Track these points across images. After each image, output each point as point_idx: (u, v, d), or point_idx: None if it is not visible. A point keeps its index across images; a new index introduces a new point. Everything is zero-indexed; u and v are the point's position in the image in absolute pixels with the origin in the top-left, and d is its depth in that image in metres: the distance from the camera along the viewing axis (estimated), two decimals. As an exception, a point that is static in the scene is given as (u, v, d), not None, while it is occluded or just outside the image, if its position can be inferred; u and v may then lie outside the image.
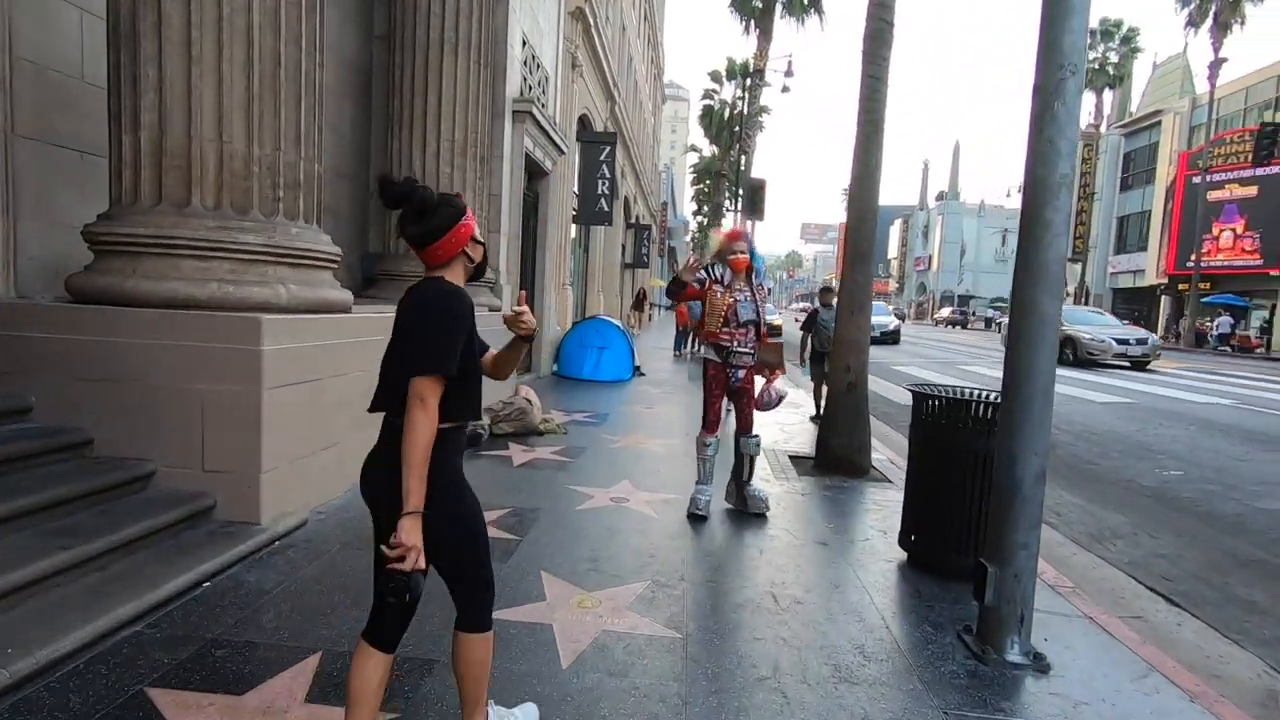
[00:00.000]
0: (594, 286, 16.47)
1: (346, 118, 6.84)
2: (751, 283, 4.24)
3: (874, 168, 5.25)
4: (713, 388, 4.23)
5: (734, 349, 4.14)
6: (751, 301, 4.17)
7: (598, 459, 5.43)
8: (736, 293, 4.15)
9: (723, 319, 4.11)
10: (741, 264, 4.16)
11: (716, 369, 4.20)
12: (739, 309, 4.11)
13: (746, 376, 4.22)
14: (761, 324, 4.22)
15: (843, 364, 5.40)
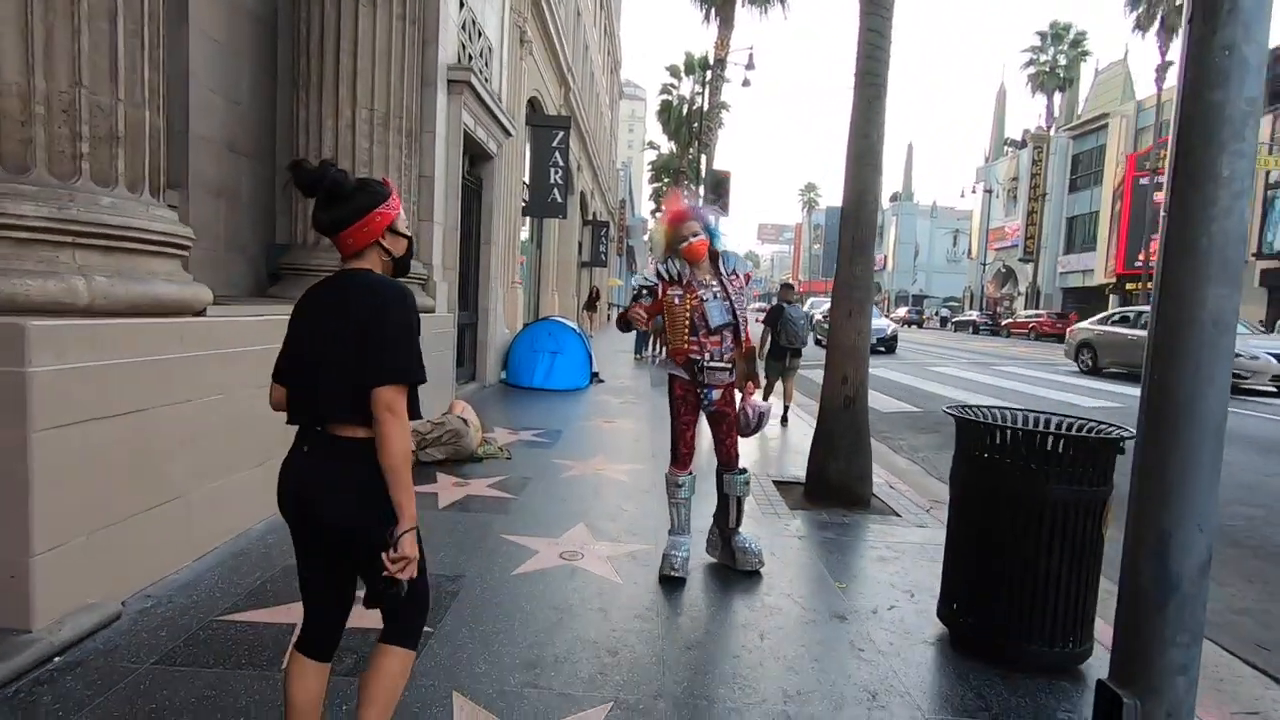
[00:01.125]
0: (548, 285, 15.41)
1: (245, 81, 5.68)
2: (721, 272, 3.27)
3: (876, 141, 4.39)
4: (681, 411, 3.28)
5: (706, 363, 3.19)
6: (723, 298, 3.21)
7: (547, 494, 4.43)
8: (701, 290, 3.19)
9: (687, 327, 3.19)
10: (699, 250, 3.18)
11: (684, 388, 3.26)
12: (707, 311, 3.16)
13: (724, 395, 3.29)
14: (741, 326, 3.28)
15: (839, 374, 4.53)
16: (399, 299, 1.52)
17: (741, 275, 3.32)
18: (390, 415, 1.45)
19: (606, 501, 4.34)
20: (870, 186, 4.41)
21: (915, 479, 5.69)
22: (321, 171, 1.51)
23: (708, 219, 3.25)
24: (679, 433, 3.29)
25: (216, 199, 5.46)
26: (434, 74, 6.33)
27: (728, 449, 3.33)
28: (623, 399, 8.73)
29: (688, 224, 3.18)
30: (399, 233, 1.61)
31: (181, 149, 5.10)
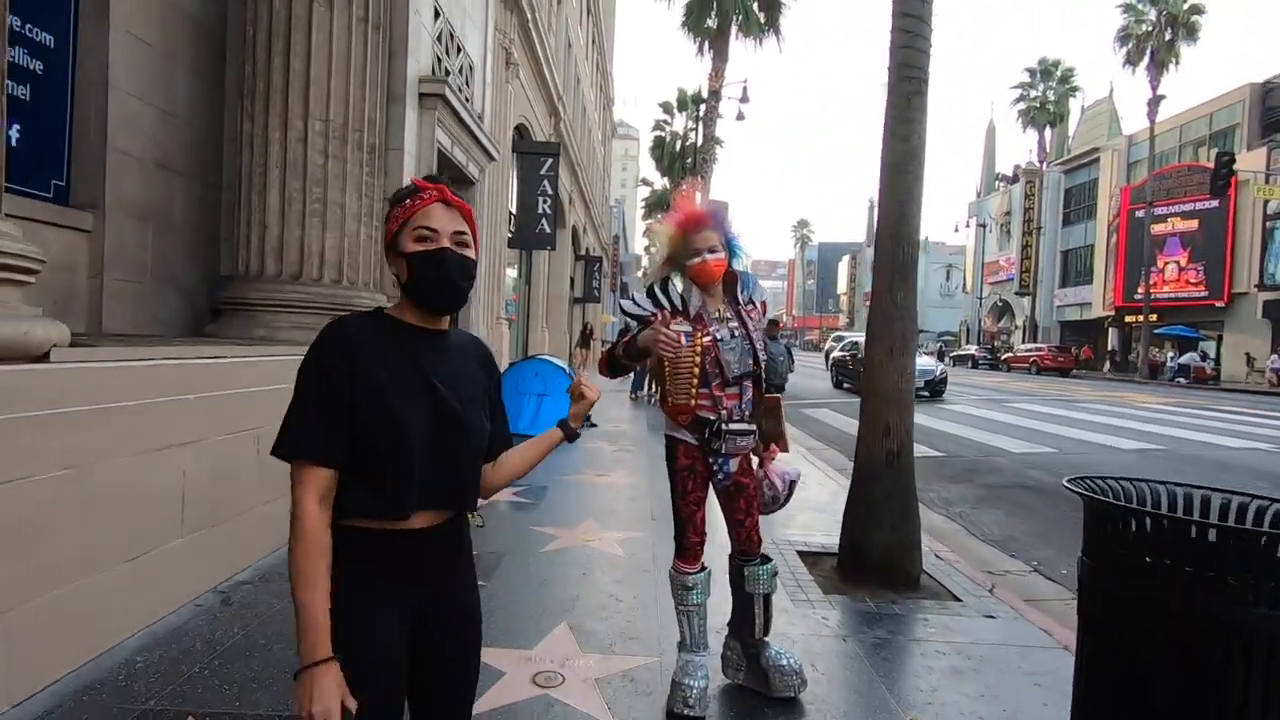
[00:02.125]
0: (537, 322, 14.67)
1: (180, 91, 4.96)
2: (737, 301, 2.47)
3: (918, 144, 3.68)
4: (688, 487, 2.43)
5: (724, 425, 2.35)
6: (743, 338, 2.40)
7: (523, 578, 3.57)
8: (715, 327, 2.37)
9: (695, 377, 2.33)
10: (714, 272, 2.36)
11: (691, 456, 2.41)
12: (724, 355, 2.34)
13: (742, 464, 2.47)
14: (761, 364, 2.44)
15: (879, 425, 3.73)
16: (308, 351, 1.22)
17: (759, 304, 2.54)
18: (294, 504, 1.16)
19: (596, 587, 3.47)
20: (912, 197, 3.68)
21: (959, 542, 4.86)
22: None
23: (730, 230, 2.46)
24: (686, 516, 2.45)
25: (142, 223, 4.69)
26: (402, 86, 5.65)
27: (748, 531, 2.49)
28: (617, 446, 7.88)
29: (704, 233, 2.34)
30: (398, 252, 1.26)
31: (96, 164, 4.34)
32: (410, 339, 1.26)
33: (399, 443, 1.17)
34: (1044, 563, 4.56)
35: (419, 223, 1.24)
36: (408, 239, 1.24)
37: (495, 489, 1.44)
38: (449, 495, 1.25)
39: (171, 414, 2.96)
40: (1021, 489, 6.58)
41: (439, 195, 1.26)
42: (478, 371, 1.34)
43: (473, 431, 1.26)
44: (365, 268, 5.16)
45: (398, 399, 1.18)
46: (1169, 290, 30.25)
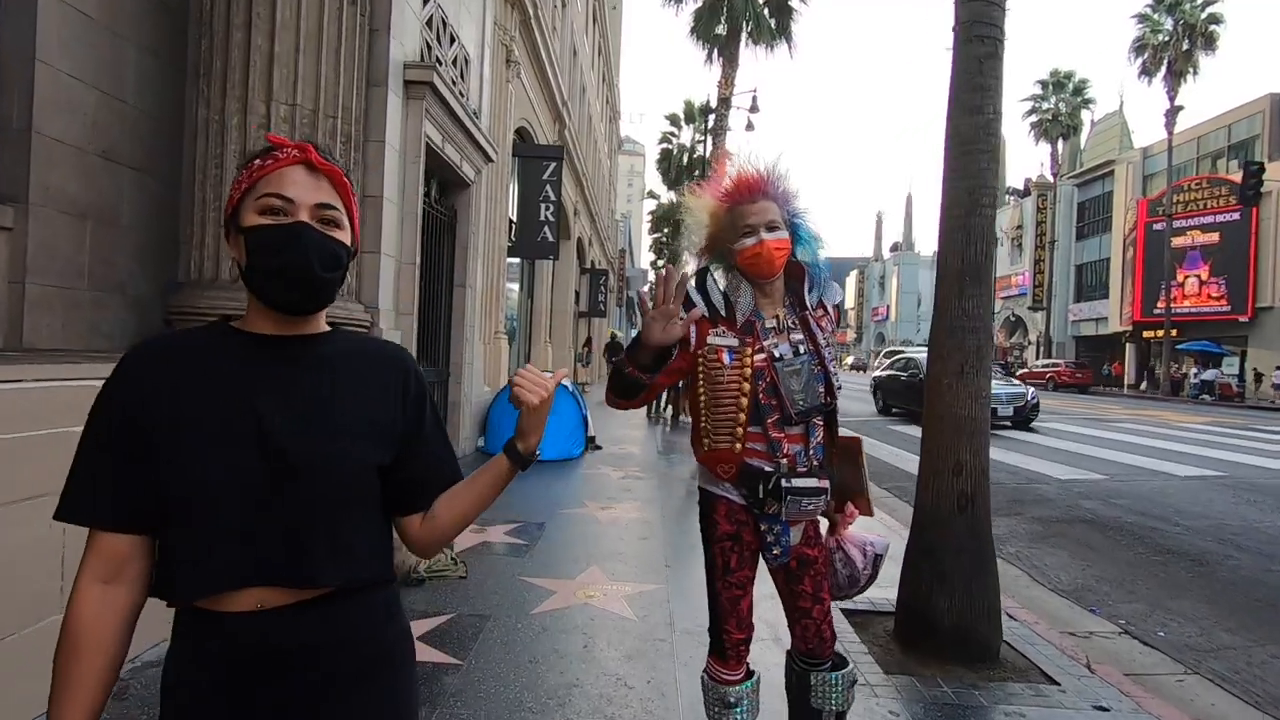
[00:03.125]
0: (540, 337, 14.02)
1: (131, 74, 4.35)
2: (804, 303, 1.78)
3: (992, 116, 3.02)
4: (729, 564, 1.75)
5: (783, 479, 1.66)
6: (810, 355, 1.72)
7: (506, 655, 2.86)
8: (772, 340, 1.71)
9: (744, 411, 1.67)
10: (774, 259, 1.69)
11: (734, 520, 1.75)
12: (783, 381, 1.67)
13: (808, 531, 1.79)
14: (835, 396, 1.75)
15: (946, 460, 3.04)
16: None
17: (831, 309, 1.84)
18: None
19: (600, 667, 2.77)
20: (985, 182, 3.01)
21: (1025, 593, 4.14)
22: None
23: (795, 203, 1.79)
24: (726, 605, 1.76)
25: (79, 221, 4.06)
26: (384, 70, 5.05)
27: (816, 624, 1.78)
28: (624, 472, 7.18)
29: (760, 204, 1.70)
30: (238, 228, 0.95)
31: (19, 152, 3.72)
32: (249, 354, 0.95)
33: (190, 500, 0.89)
34: (1131, 620, 3.83)
35: (268, 189, 0.93)
36: (250, 209, 0.93)
37: (437, 542, 1.08)
38: (290, 567, 0.90)
39: (39, 451, 2.30)
40: (1080, 523, 5.84)
41: (301, 155, 0.95)
42: (375, 393, 1.01)
43: (326, 474, 0.93)
44: (338, 273, 4.53)
45: (198, 442, 0.89)
46: (1189, 305, 29.48)
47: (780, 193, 1.76)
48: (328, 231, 0.94)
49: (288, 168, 0.93)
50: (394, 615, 1.03)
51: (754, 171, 1.75)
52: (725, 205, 1.75)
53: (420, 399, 1.06)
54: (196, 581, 0.88)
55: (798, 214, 1.79)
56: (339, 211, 0.96)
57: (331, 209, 0.95)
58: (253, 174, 0.93)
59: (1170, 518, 6.01)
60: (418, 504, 1.05)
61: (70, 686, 0.85)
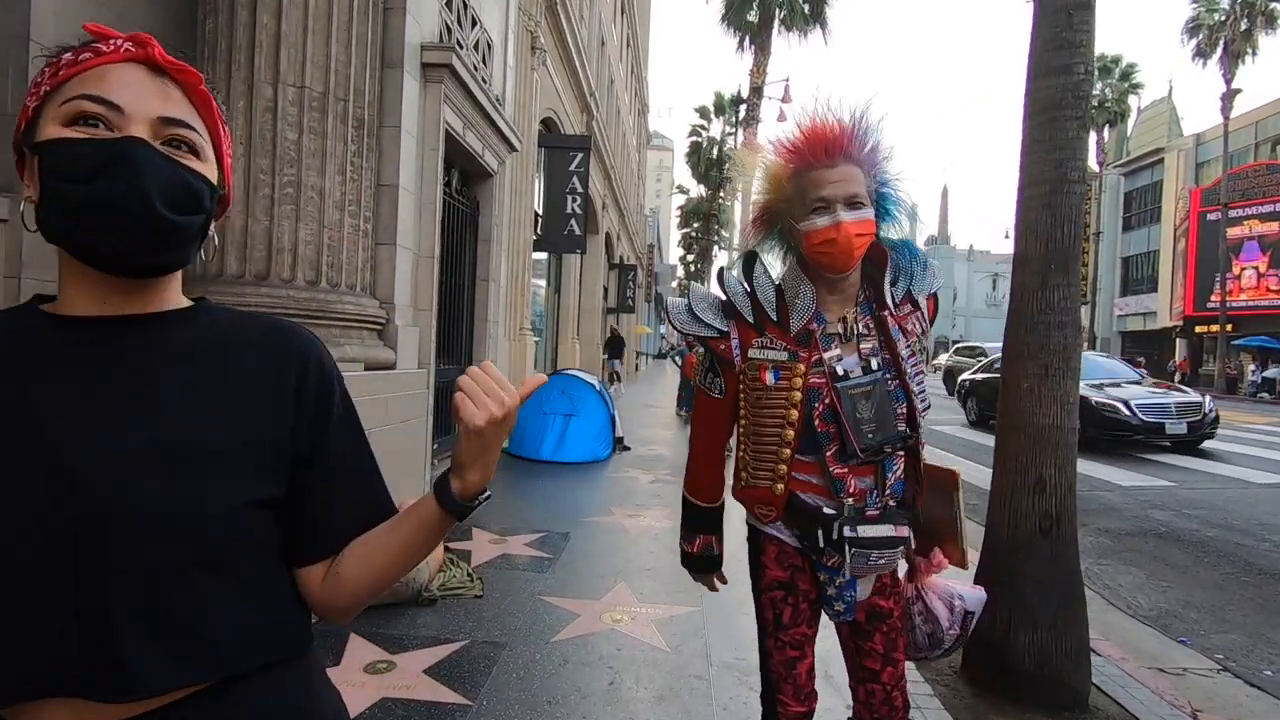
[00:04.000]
0: (567, 334, 13.75)
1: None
2: (884, 299, 1.38)
3: (1082, 77, 2.61)
4: (782, 617, 1.41)
5: (846, 526, 1.29)
6: (887, 365, 1.34)
7: (525, 695, 2.53)
8: (835, 350, 1.34)
9: (789, 445, 1.31)
10: (851, 247, 1.26)
11: (787, 564, 1.41)
12: (844, 404, 1.29)
13: (884, 578, 1.43)
14: (919, 425, 1.38)
15: (1026, 476, 2.63)
16: None
17: (924, 301, 1.44)
18: None
19: (626, 710, 2.43)
20: (1074, 151, 2.60)
21: (1104, 620, 3.69)
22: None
23: (883, 169, 1.37)
24: (779, 667, 1.41)
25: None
26: (400, 51, 4.77)
27: (885, 689, 1.42)
28: (653, 475, 6.84)
29: (840, 168, 1.28)
30: (31, 146, 0.64)
31: (2, 135, 3.54)
32: (51, 344, 0.65)
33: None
34: (1230, 654, 3.38)
35: (79, 89, 0.63)
36: (52, 119, 0.63)
37: (342, 608, 0.75)
38: (61, 669, 0.58)
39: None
40: (1154, 538, 5.33)
41: (139, 51, 0.65)
42: (255, 394, 0.70)
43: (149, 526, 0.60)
44: (350, 267, 4.25)
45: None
46: (1246, 298, 28.12)
47: (868, 154, 1.34)
48: (177, 157, 0.65)
49: (115, 64, 0.63)
50: (316, 694, 0.74)
51: (834, 123, 1.31)
52: (792, 166, 1.34)
53: (325, 397, 0.75)
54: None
55: (887, 182, 1.38)
56: (197, 135, 0.67)
57: (185, 127, 0.66)
58: (59, 70, 0.63)
59: (1256, 531, 5.47)
60: (316, 551, 0.74)
61: None
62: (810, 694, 1.44)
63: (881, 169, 1.37)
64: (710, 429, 1.47)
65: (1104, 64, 34.24)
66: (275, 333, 0.75)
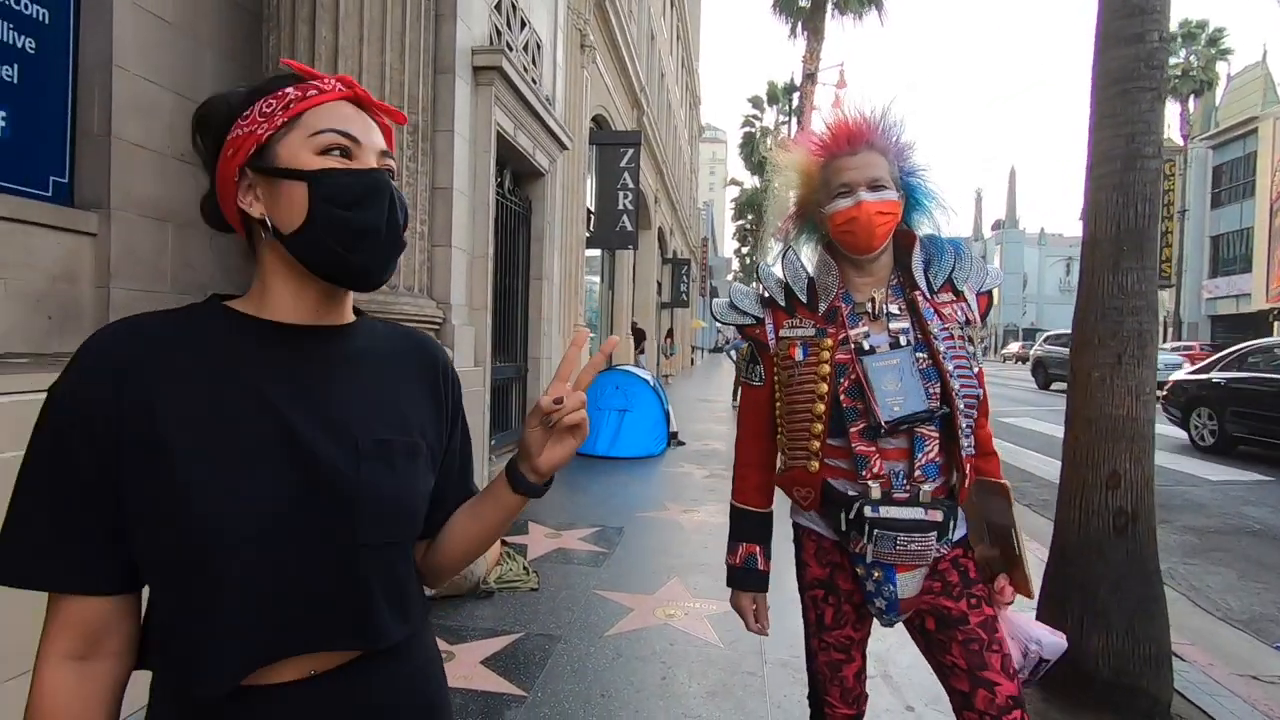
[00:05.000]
0: (622, 330, 13.81)
1: (206, 76, 4.36)
2: (920, 285, 1.34)
3: (1157, 48, 2.44)
4: (823, 617, 1.39)
5: (867, 506, 1.25)
6: (918, 347, 1.30)
7: (579, 688, 2.57)
8: (863, 328, 1.31)
9: (821, 419, 1.30)
10: (875, 224, 1.29)
11: (826, 561, 1.39)
12: (872, 376, 1.27)
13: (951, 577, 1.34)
14: (960, 415, 1.28)
15: (1099, 471, 2.50)
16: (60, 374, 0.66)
17: (973, 296, 1.38)
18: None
19: (679, 704, 2.44)
20: (1149, 125, 2.44)
21: (1189, 624, 3.48)
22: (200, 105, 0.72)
23: (906, 153, 1.39)
24: (824, 669, 1.39)
25: (160, 225, 4.09)
26: (451, 57, 4.88)
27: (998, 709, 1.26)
28: (708, 470, 6.81)
29: (861, 155, 1.32)
30: (275, 169, 0.70)
31: (100, 158, 3.77)
32: (264, 349, 0.71)
33: (200, 553, 0.63)
34: (1333, 662, 3.12)
35: (324, 123, 0.70)
36: (300, 146, 0.69)
37: (435, 578, 0.86)
38: (318, 629, 0.68)
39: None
40: (1245, 535, 4.98)
41: (348, 91, 0.73)
42: (419, 398, 0.80)
43: (380, 509, 0.70)
44: (408, 269, 4.39)
45: (205, 471, 0.64)
46: (1356, 276, 25.86)
47: (891, 144, 1.37)
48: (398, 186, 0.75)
49: (336, 101, 0.72)
50: (438, 653, 0.86)
51: (856, 116, 1.36)
52: (819, 159, 1.38)
53: (458, 402, 0.88)
54: (234, 661, 0.65)
55: (913, 171, 1.39)
56: (394, 163, 0.76)
57: (391, 157, 0.75)
58: (289, 104, 0.70)
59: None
60: (428, 531, 0.84)
61: None
62: (859, 697, 1.40)
63: (907, 158, 1.39)
64: (754, 419, 1.46)
65: (1188, 30, 32.06)
66: (420, 343, 0.86)
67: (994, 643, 1.31)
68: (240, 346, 0.71)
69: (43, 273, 3.25)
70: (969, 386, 1.30)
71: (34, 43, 3.52)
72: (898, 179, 1.36)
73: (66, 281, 3.68)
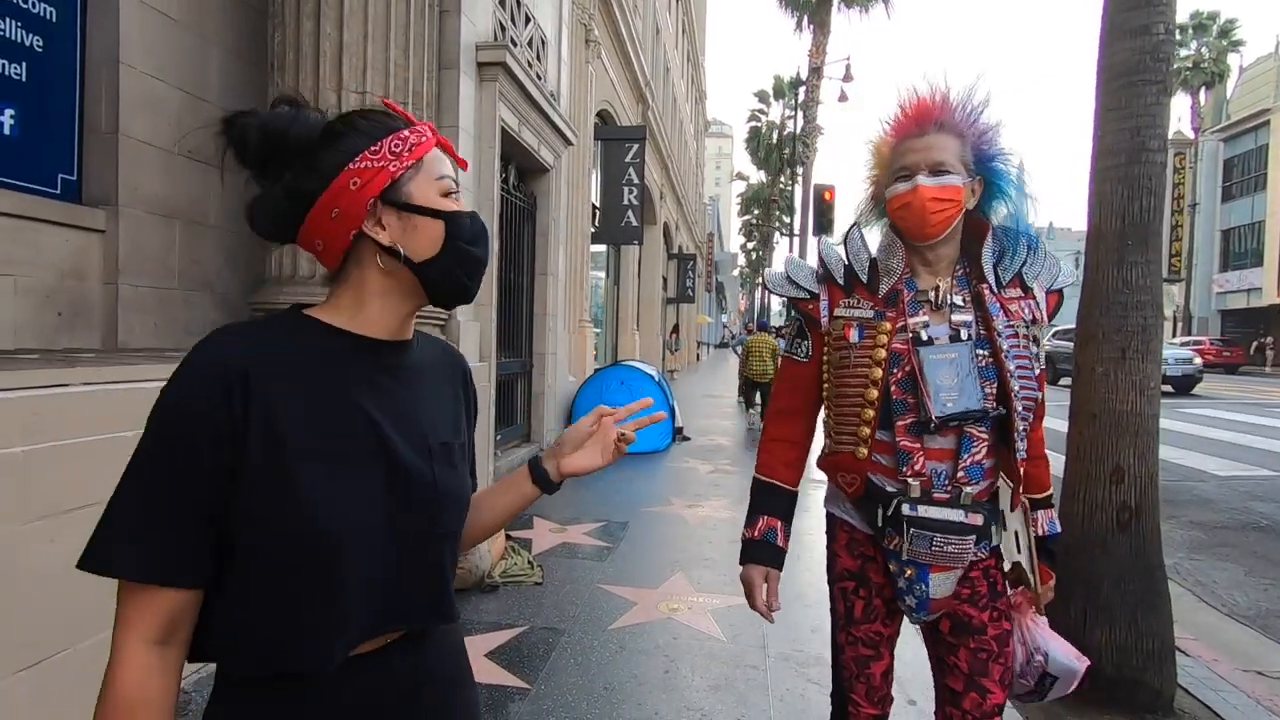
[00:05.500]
0: (627, 325, 13.82)
1: (213, 73, 4.39)
2: (987, 278, 1.30)
3: (1163, 41, 2.43)
4: (853, 611, 1.38)
5: (905, 504, 1.24)
6: (976, 343, 1.26)
7: (582, 681, 2.59)
8: (921, 319, 1.28)
9: (873, 405, 1.27)
10: (929, 210, 1.24)
11: (859, 554, 1.38)
12: (927, 369, 1.24)
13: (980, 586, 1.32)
14: (1017, 418, 1.23)
15: (1104, 465, 2.49)
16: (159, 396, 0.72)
17: (1042, 293, 1.35)
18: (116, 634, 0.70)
19: (681, 698, 2.45)
20: (1154, 119, 2.43)
21: (1194, 619, 3.47)
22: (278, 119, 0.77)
23: (987, 137, 1.33)
24: (852, 665, 1.38)
25: (167, 221, 4.13)
26: (455, 52, 4.88)
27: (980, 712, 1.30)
28: (713, 466, 6.82)
29: (928, 137, 1.28)
30: (411, 206, 0.78)
31: (108, 155, 3.80)
32: (354, 359, 0.78)
33: (324, 545, 0.71)
34: (1340, 658, 3.11)
35: (439, 169, 0.80)
36: (429, 188, 0.79)
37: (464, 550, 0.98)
38: (414, 604, 0.80)
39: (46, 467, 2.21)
40: (1253, 531, 4.96)
41: (436, 137, 0.82)
42: (451, 397, 0.90)
43: (451, 505, 0.83)
44: (413, 265, 4.41)
45: (323, 474, 0.71)
46: (1369, 270, 25.59)
47: (967, 125, 1.30)
48: None
49: (436, 149, 0.82)
50: (461, 634, 0.97)
51: (928, 93, 1.31)
52: (891, 139, 1.34)
53: (476, 404, 0.98)
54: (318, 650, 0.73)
55: (994, 156, 1.32)
56: None
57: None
58: (411, 146, 0.78)
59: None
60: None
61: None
62: (885, 697, 1.38)
63: (990, 142, 1.32)
64: (793, 395, 1.43)
65: (1199, 21, 31.73)
66: (448, 352, 0.95)
67: (1001, 655, 1.31)
68: (336, 357, 0.77)
69: (52, 269, 3.27)
70: (1029, 388, 1.26)
71: (41, 41, 3.55)
72: (970, 164, 1.29)
73: (75, 278, 3.72)
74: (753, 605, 1.38)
